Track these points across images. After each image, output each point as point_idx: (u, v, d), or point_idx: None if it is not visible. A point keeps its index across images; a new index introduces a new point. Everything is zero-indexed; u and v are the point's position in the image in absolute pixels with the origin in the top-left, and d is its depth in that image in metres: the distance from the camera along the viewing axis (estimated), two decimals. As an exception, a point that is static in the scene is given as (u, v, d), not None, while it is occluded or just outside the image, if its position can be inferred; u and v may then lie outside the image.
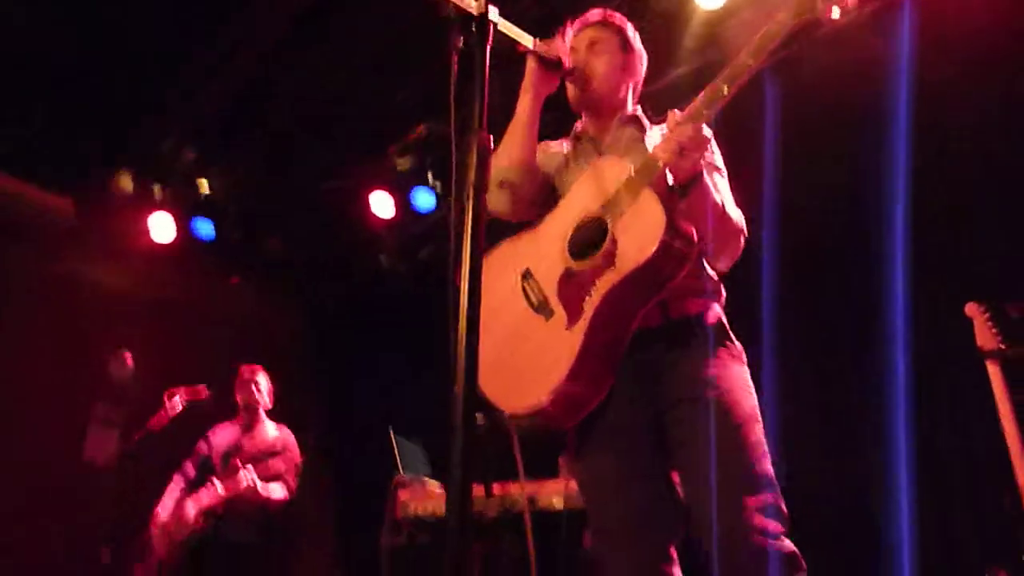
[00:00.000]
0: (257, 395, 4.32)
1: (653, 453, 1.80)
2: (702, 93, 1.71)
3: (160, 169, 5.21)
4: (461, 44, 1.23)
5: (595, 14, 2.05)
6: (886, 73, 3.21)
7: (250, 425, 4.31)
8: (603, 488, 1.82)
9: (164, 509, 4.08)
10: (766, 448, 1.75)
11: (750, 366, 1.85)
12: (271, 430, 4.33)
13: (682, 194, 1.73)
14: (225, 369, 4.81)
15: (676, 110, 1.73)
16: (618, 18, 2.05)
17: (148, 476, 4.22)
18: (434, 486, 3.55)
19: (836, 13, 1.76)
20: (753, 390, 1.82)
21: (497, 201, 1.92)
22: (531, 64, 1.87)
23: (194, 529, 3.97)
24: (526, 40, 1.59)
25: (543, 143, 2.03)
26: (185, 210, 5.28)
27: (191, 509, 4.01)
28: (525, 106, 1.91)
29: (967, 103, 3.19)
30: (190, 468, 4.27)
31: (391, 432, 3.79)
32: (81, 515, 4.52)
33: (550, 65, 1.77)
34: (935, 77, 3.16)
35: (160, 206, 5.19)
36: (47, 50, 4.15)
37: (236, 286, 6.13)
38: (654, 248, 1.66)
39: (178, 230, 5.25)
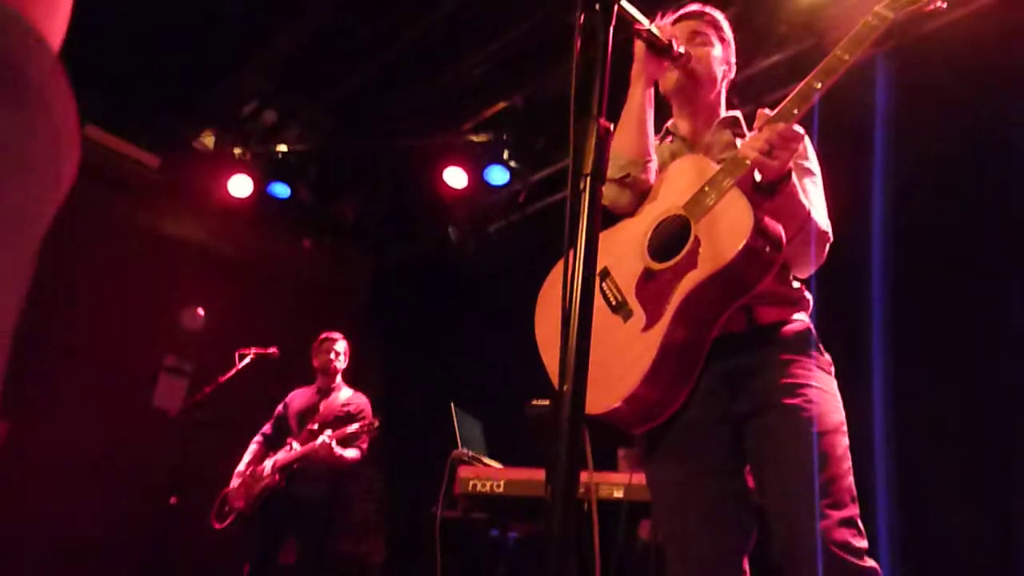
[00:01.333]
0: (334, 360, 4.45)
1: (729, 456, 1.73)
2: (794, 91, 1.63)
3: (241, 130, 5.31)
4: (582, 21, 1.17)
5: (694, 7, 1.99)
6: (1014, 65, 2.93)
7: (327, 389, 4.46)
8: (672, 486, 1.77)
9: (243, 465, 4.32)
10: (850, 463, 1.67)
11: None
12: (346, 394, 4.46)
13: (769, 194, 1.65)
14: (290, 327, 4.90)
15: (766, 108, 1.65)
16: (716, 13, 1.99)
17: (214, 427, 4.36)
18: (492, 464, 3.55)
19: (942, 3, 1.65)
20: (840, 403, 1.74)
21: (619, 195, 1.85)
22: (640, 49, 1.79)
23: (268, 484, 4.17)
24: (644, 21, 1.51)
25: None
26: (263, 171, 5.38)
27: (267, 465, 4.22)
28: (638, 94, 1.83)
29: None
30: (268, 428, 4.47)
31: (452, 406, 3.79)
32: (149, 460, 4.69)
33: (660, 50, 1.70)
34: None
35: (239, 166, 5.29)
36: (139, 16, 4.25)
37: (308, 248, 6.23)
38: (739, 248, 1.58)
39: (255, 191, 5.36)
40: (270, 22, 4.41)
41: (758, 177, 1.66)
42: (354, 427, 4.15)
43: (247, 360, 4.38)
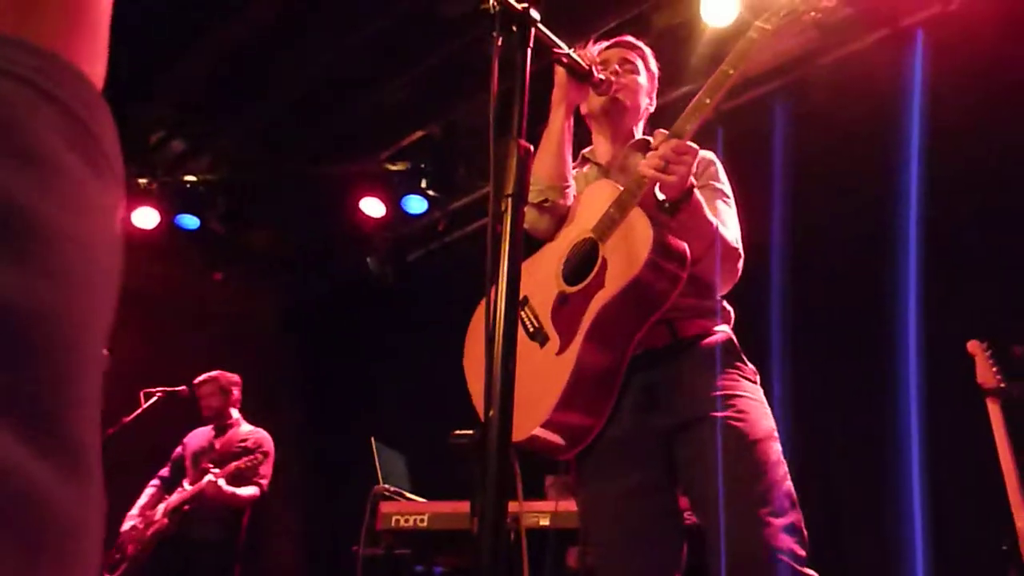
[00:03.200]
0: (222, 400, 4.31)
1: (657, 472, 1.73)
2: (687, 108, 1.68)
3: (147, 160, 5.11)
4: (500, 43, 1.16)
5: (624, 38, 2.04)
6: (899, 102, 3.21)
7: (223, 427, 4.30)
8: (603, 507, 1.76)
9: (136, 508, 4.11)
10: (786, 468, 1.69)
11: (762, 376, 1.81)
12: (244, 430, 4.30)
13: (672, 211, 1.68)
14: (202, 364, 4.69)
15: (661, 129, 1.69)
16: (645, 48, 2.06)
17: (120, 469, 4.12)
18: (415, 499, 3.48)
19: (815, 13, 1.75)
20: (768, 410, 1.75)
21: (538, 220, 1.87)
22: (561, 75, 1.82)
23: (158, 528, 3.97)
24: (563, 45, 1.53)
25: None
26: (170, 202, 5.18)
27: (160, 509, 4.03)
28: (558, 120, 1.85)
29: (979, 136, 3.19)
30: (166, 471, 4.28)
31: (373, 441, 3.70)
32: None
33: (580, 75, 1.72)
34: (948, 109, 3.17)
35: (145, 197, 5.08)
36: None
37: (219, 281, 6.02)
38: (640, 266, 1.61)
39: (162, 222, 5.15)
40: (177, 48, 4.28)
41: (661, 196, 1.70)
42: (252, 464, 4.00)
43: (153, 400, 4.17)
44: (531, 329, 1.78)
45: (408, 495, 3.51)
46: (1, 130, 0.34)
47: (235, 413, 4.34)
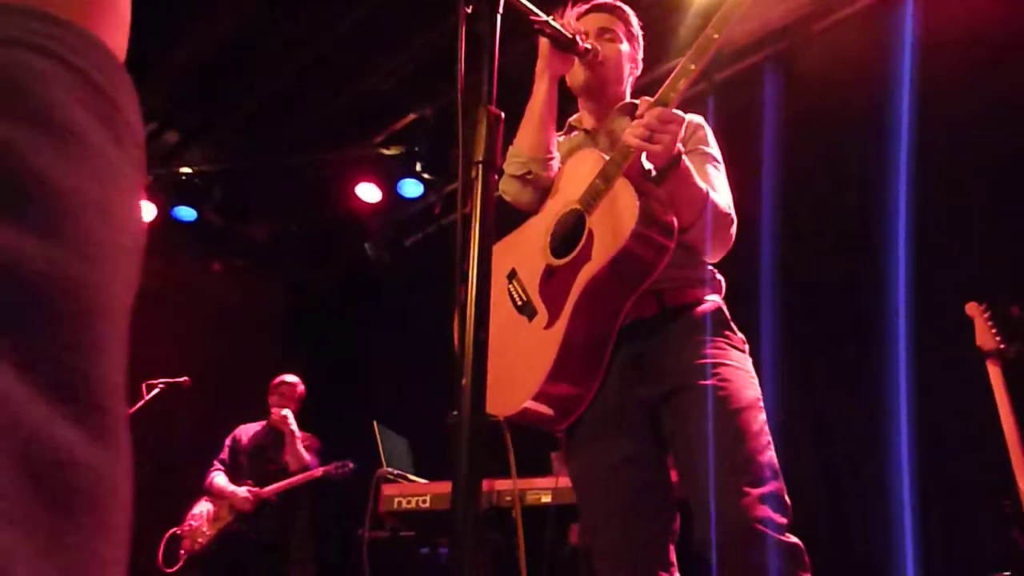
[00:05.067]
0: (291, 403, 4.52)
1: (646, 442, 1.71)
2: (671, 75, 1.64)
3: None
4: (470, 10, 1.14)
5: (601, 0, 1.97)
6: (889, 68, 3.18)
7: (279, 429, 4.44)
8: (594, 480, 1.74)
9: (197, 507, 4.24)
10: (770, 437, 1.66)
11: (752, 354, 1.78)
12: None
13: (659, 180, 1.65)
14: (203, 355, 4.70)
15: (646, 97, 1.65)
16: (626, 8, 1.99)
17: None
18: (417, 480, 3.48)
19: None
20: (755, 379, 1.73)
21: (520, 193, 1.84)
22: (544, 44, 1.78)
23: (221, 527, 4.11)
24: (540, 14, 1.49)
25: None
26: (167, 194, 5.17)
27: (222, 508, 4.16)
28: (542, 90, 1.81)
29: (970, 99, 3.15)
30: (218, 466, 4.38)
31: (375, 424, 3.70)
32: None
33: (564, 44, 1.68)
34: (938, 72, 3.13)
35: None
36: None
37: (217, 271, 6.02)
38: (626, 237, 1.58)
39: (159, 215, 5.15)
40: (167, 39, 4.25)
41: (648, 165, 1.67)
42: (328, 467, 4.25)
43: (155, 391, 4.19)
44: (519, 303, 1.76)
45: (411, 477, 3.52)
46: (16, 95, 0.33)
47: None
